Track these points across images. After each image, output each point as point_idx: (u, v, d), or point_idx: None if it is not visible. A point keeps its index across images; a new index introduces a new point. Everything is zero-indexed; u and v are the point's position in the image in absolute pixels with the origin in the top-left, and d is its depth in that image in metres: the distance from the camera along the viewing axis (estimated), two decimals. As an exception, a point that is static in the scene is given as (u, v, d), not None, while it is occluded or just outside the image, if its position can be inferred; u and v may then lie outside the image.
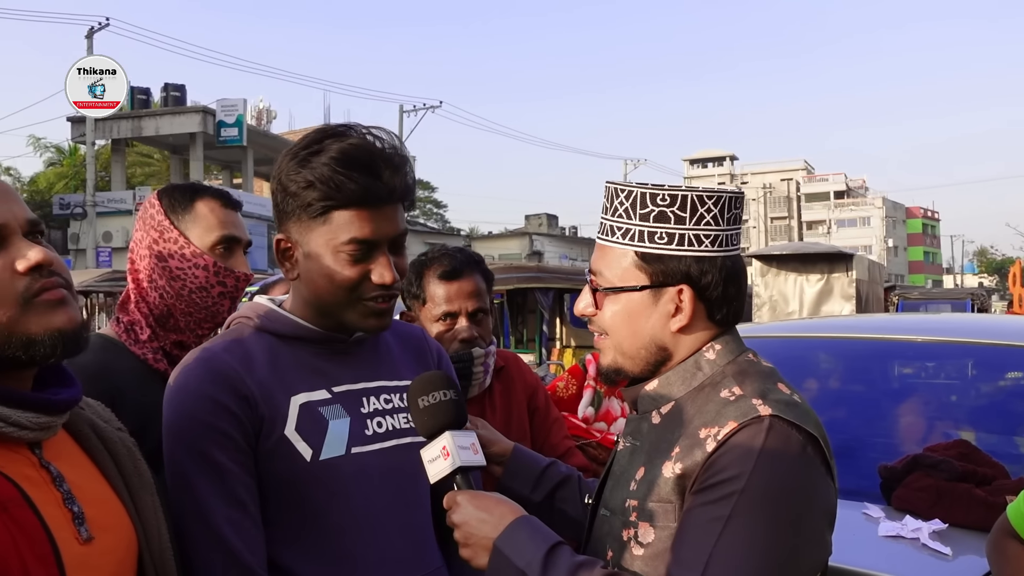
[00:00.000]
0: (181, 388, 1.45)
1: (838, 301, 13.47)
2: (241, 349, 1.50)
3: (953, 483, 2.19)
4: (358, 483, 1.50)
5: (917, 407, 2.88)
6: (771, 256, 14.09)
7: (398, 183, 1.47)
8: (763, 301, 13.61)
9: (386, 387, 1.61)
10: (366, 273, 1.47)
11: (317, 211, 1.43)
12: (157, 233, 1.85)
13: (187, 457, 1.41)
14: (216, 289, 1.84)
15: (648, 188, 1.36)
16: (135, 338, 1.83)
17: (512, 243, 42.59)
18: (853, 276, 13.55)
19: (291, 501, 1.46)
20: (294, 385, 1.50)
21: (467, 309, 2.16)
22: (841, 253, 14.13)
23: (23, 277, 1.08)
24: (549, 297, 11.43)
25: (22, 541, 1.00)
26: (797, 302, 13.58)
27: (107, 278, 8.91)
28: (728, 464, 1.21)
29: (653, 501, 1.29)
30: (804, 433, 1.24)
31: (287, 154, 1.47)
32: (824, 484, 1.26)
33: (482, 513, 1.33)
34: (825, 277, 13.58)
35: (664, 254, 1.35)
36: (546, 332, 11.91)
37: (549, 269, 12.82)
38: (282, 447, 1.45)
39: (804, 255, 13.97)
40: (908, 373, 3.15)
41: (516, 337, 13.28)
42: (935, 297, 18.27)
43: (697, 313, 1.36)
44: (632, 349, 1.39)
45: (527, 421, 2.35)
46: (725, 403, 1.28)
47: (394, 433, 1.57)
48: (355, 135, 1.47)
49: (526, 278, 10.88)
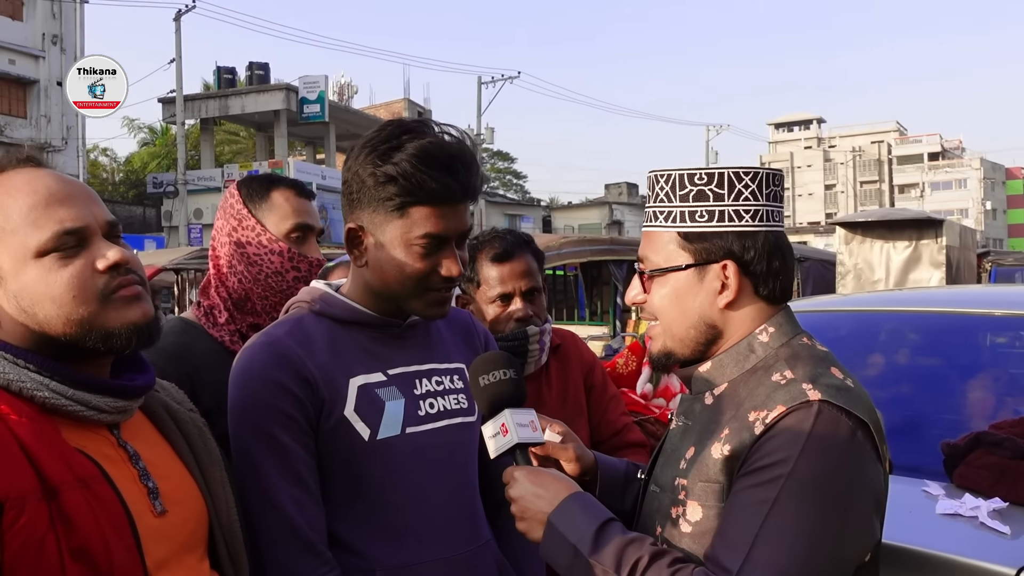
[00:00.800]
0: (246, 371, 1.53)
1: (927, 269, 12.98)
2: (302, 333, 1.57)
3: (1017, 461, 2.14)
4: (413, 461, 1.57)
5: (986, 383, 2.81)
6: (856, 223, 13.64)
7: (472, 183, 1.54)
8: (847, 269, 13.22)
9: (437, 369, 1.67)
10: (435, 266, 1.53)
11: (395, 205, 1.49)
12: (236, 221, 1.96)
13: (253, 438, 1.49)
14: (291, 274, 1.94)
15: (686, 169, 1.39)
16: (213, 321, 1.94)
17: (592, 213, 42.34)
18: (943, 243, 13.02)
19: (350, 479, 1.54)
20: (352, 367, 1.57)
21: (520, 289, 2.22)
22: (930, 219, 13.58)
23: (103, 275, 1.18)
24: (623, 269, 11.37)
25: (102, 514, 1.08)
26: (883, 270, 13.14)
27: (196, 255, 9.26)
28: (776, 448, 1.23)
29: (701, 480, 1.32)
30: (854, 418, 1.25)
31: (365, 146, 1.52)
32: (873, 469, 1.27)
33: (538, 488, 1.38)
34: (913, 244, 13.09)
35: (706, 231, 1.37)
36: (620, 304, 11.87)
37: (623, 241, 12.71)
38: (342, 427, 1.52)
39: (891, 221, 13.48)
40: (979, 348, 3.07)
41: (591, 309, 13.27)
42: (1032, 263, 17.42)
43: (744, 288, 1.38)
44: (682, 330, 1.41)
45: (583, 398, 2.39)
46: (776, 387, 1.30)
47: (446, 414, 1.64)
48: (432, 133, 1.52)
49: (600, 250, 10.83)
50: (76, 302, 1.15)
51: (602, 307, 13.30)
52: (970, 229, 15.61)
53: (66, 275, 1.15)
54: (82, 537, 1.05)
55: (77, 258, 1.17)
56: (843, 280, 13.16)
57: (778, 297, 1.40)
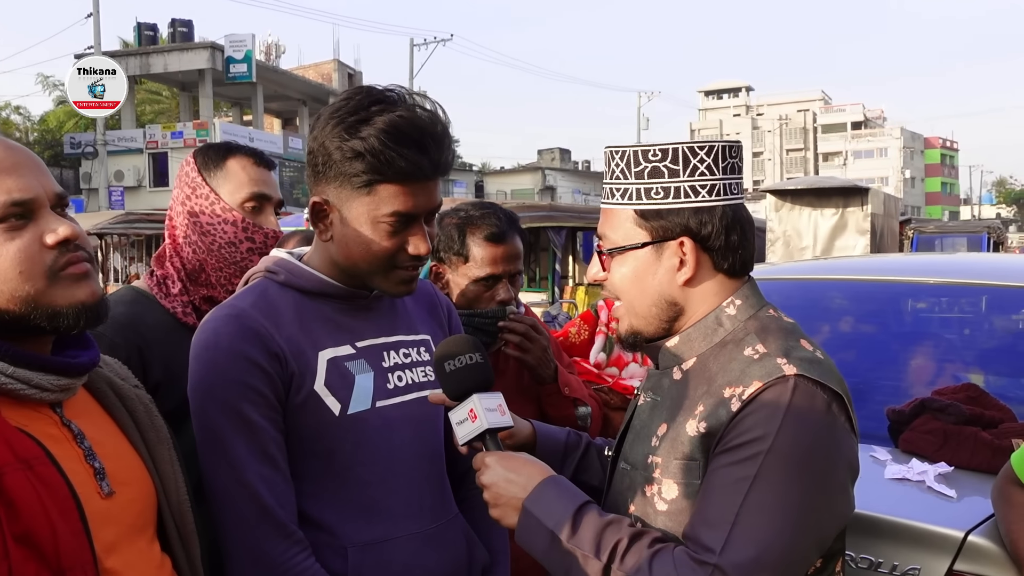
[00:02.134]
0: (211, 344, 1.47)
1: (852, 235, 13.35)
2: (268, 304, 1.52)
3: (960, 426, 2.21)
4: (383, 436, 1.54)
5: (927, 350, 2.90)
6: (785, 191, 13.92)
7: (443, 159, 1.49)
8: (776, 236, 13.51)
9: (404, 341, 1.65)
10: (403, 244, 1.49)
11: (362, 182, 1.44)
12: (190, 190, 1.91)
13: (220, 414, 1.44)
14: (245, 245, 1.89)
15: (640, 146, 1.37)
16: (166, 291, 1.89)
17: (524, 178, 42.36)
18: (868, 210, 13.39)
19: (319, 455, 1.51)
20: (321, 340, 1.53)
21: (508, 272, 2.18)
22: (856, 187, 13.95)
23: (51, 251, 1.12)
24: (562, 236, 11.40)
25: (47, 497, 1.03)
26: (811, 237, 13.46)
27: (120, 220, 8.97)
28: (754, 424, 1.23)
29: (676, 458, 1.32)
30: (828, 391, 1.26)
31: (332, 116, 1.46)
32: (848, 441, 1.29)
33: (511, 474, 1.36)
34: (840, 211, 13.43)
35: (662, 208, 1.36)
36: (558, 270, 11.91)
37: (561, 208, 12.74)
38: (312, 402, 1.49)
39: (819, 189, 13.79)
40: (918, 316, 3.15)
41: (528, 276, 13.28)
42: (950, 231, 18.07)
43: (702, 264, 1.37)
44: (643, 308, 1.41)
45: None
46: (749, 362, 1.30)
47: (414, 386, 1.61)
48: (402, 105, 1.46)
49: (538, 217, 10.82)
50: (22, 278, 1.10)
51: (540, 274, 13.33)
52: (893, 197, 16.07)
53: (12, 249, 1.09)
54: (26, 522, 1.00)
55: (24, 231, 1.11)
56: (772, 247, 13.44)
57: (739, 270, 1.40)
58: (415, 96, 1.51)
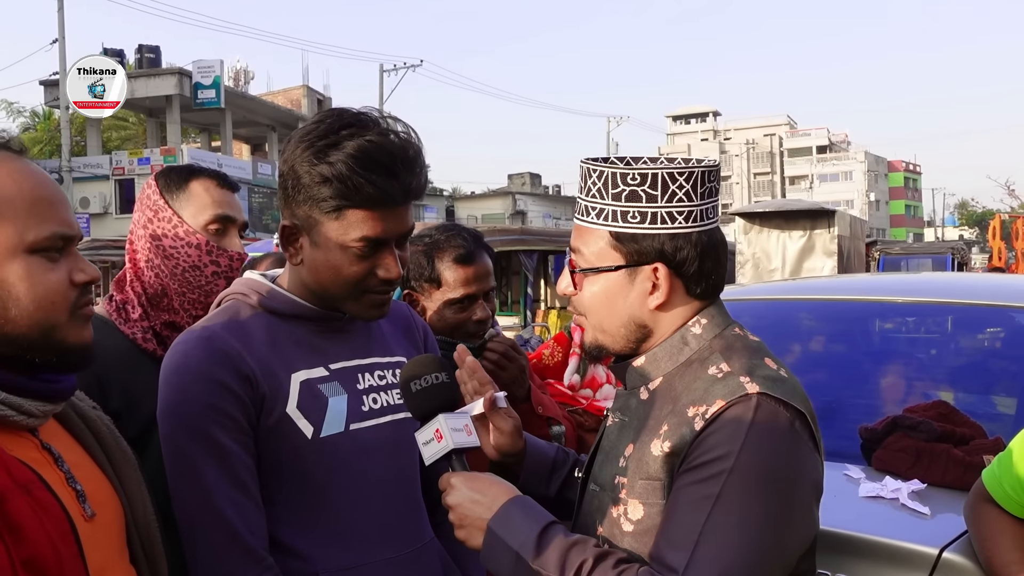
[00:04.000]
0: (181, 368, 1.45)
1: (820, 257, 13.53)
2: (239, 326, 1.51)
3: (932, 443, 2.23)
4: (357, 459, 1.52)
5: (897, 368, 2.92)
6: (754, 214, 14.11)
7: (414, 184, 1.48)
8: (746, 259, 13.65)
9: (379, 363, 1.63)
10: (373, 268, 1.48)
11: (331, 207, 1.43)
12: (152, 212, 1.87)
13: (189, 439, 1.42)
14: (209, 268, 1.86)
15: (619, 168, 1.36)
16: (126, 317, 1.84)
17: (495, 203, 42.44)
18: (835, 232, 13.59)
19: (292, 479, 1.48)
20: (293, 362, 1.51)
21: (482, 290, 2.17)
22: (823, 209, 14.16)
23: (75, 289, 1.15)
24: (533, 259, 11.44)
25: (47, 521, 1.04)
26: (780, 259, 13.62)
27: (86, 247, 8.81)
28: (717, 443, 1.23)
29: (642, 478, 1.31)
30: (791, 409, 1.26)
31: (302, 140, 1.45)
32: (812, 459, 1.28)
33: (476, 495, 1.35)
34: (807, 234, 13.62)
35: (637, 233, 1.35)
36: (530, 294, 11.93)
37: (533, 231, 12.79)
38: (284, 425, 1.47)
39: (787, 212, 13.99)
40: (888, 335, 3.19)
41: (500, 299, 13.29)
42: (916, 252, 18.37)
43: (675, 289, 1.37)
44: (612, 328, 1.40)
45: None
46: (713, 380, 1.29)
47: (389, 409, 1.60)
48: (373, 129, 1.44)
49: (510, 240, 10.84)
50: (51, 308, 1.13)
51: (512, 297, 13.33)
52: (859, 219, 16.32)
53: (52, 279, 1.13)
54: (31, 546, 1.00)
55: (60, 264, 1.15)
56: (742, 269, 13.57)
57: (710, 294, 1.40)
58: (388, 119, 1.50)
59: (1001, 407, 2.62)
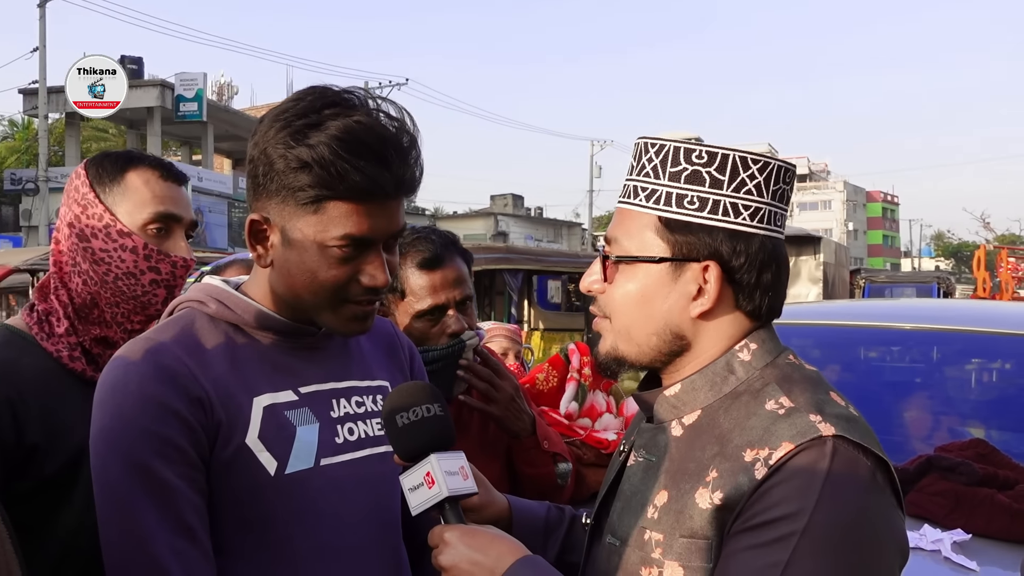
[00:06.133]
0: (119, 387, 1.20)
1: (805, 284, 13.46)
2: (192, 340, 1.26)
3: (973, 488, 2.01)
4: (328, 500, 1.28)
5: (922, 402, 2.70)
6: (739, 239, 14.04)
7: (407, 175, 1.24)
8: (731, 284, 13.56)
9: (357, 388, 1.39)
10: (356, 273, 1.25)
11: (309, 198, 1.20)
12: (80, 208, 1.58)
13: (125, 473, 1.17)
14: (147, 276, 1.57)
15: (684, 143, 1.14)
16: (49, 331, 1.56)
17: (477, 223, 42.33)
18: (821, 259, 13.53)
19: (249, 523, 1.24)
20: (256, 384, 1.27)
21: (454, 299, 1.89)
22: (809, 236, 14.11)
23: None
24: (518, 279, 11.20)
25: None
26: (765, 285, 13.54)
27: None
28: (785, 497, 0.99)
29: (683, 535, 1.07)
30: (872, 457, 1.03)
31: (276, 119, 1.22)
32: (896, 518, 1.06)
33: (476, 553, 1.11)
34: (793, 260, 13.53)
35: (693, 222, 1.12)
36: (514, 314, 11.69)
37: (518, 250, 12.58)
38: (242, 458, 1.22)
39: (772, 238, 13.94)
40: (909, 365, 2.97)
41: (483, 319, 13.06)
42: (901, 280, 18.34)
43: (724, 298, 1.14)
44: (642, 335, 1.16)
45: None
46: (774, 418, 1.06)
47: (368, 441, 1.36)
48: (361, 110, 1.22)
49: (494, 259, 10.63)
50: None
51: (495, 317, 13.10)
52: (844, 247, 16.28)
53: None
54: None
55: None
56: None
57: (763, 315, 1.16)
58: (378, 100, 1.27)
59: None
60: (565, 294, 13.33)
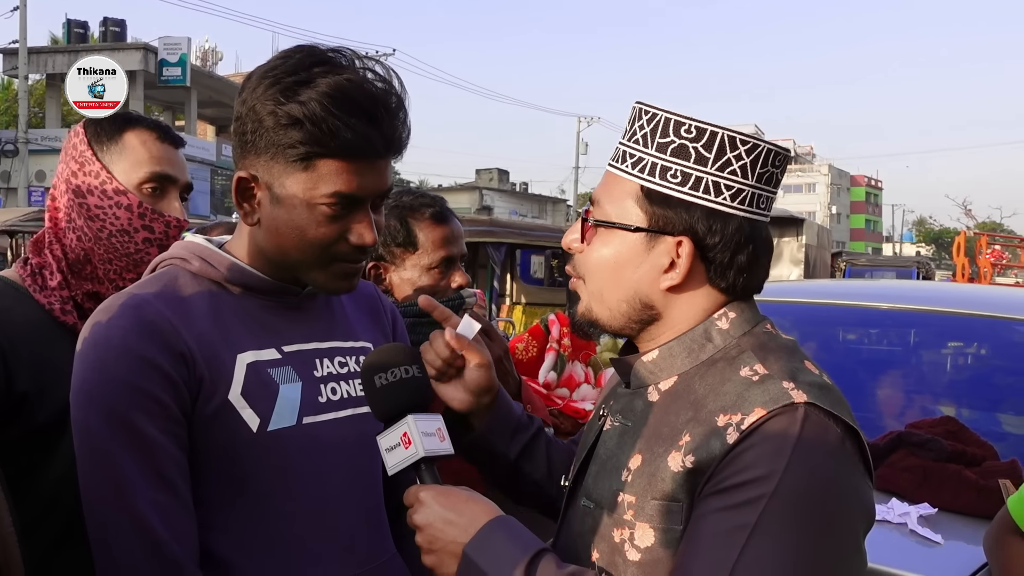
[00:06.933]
0: (101, 341, 1.21)
1: (787, 265, 13.50)
2: (176, 296, 1.27)
3: (941, 464, 2.05)
4: (309, 458, 1.30)
5: (894, 380, 2.74)
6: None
7: (396, 134, 1.26)
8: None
9: (340, 348, 1.40)
10: (344, 231, 1.26)
11: (299, 155, 1.21)
12: (77, 165, 1.61)
13: (106, 427, 1.18)
14: (140, 234, 1.60)
15: (675, 115, 1.15)
16: (42, 284, 1.58)
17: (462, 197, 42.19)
18: (803, 241, 13.57)
19: (230, 479, 1.25)
20: (239, 341, 1.28)
21: (460, 253, 1.98)
22: (792, 218, 14.13)
23: None
24: (501, 252, 11.17)
25: None
26: (747, 265, 13.58)
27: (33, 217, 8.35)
28: (755, 460, 1.01)
29: (655, 498, 1.09)
30: (842, 424, 1.05)
31: (265, 76, 1.23)
32: (864, 485, 1.08)
33: (450, 513, 1.13)
34: (775, 241, 13.43)
35: (673, 196, 1.14)
36: (496, 288, 11.69)
37: (502, 223, 12.54)
38: (224, 414, 1.23)
39: (755, 219, 13.97)
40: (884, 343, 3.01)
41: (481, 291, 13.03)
42: (882, 264, 18.53)
43: (695, 274, 1.16)
44: (612, 300, 1.19)
45: None
46: (748, 384, 1.08)
47: (350, 401, 1.37)
48: (349, 68, 1.23)
49: (478, 231, 10.58)
50: None
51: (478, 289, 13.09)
52: (826, 229, 16.36)
53: None
54: None
55: None
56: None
57: (739, 292, 1.18)
58: (365, 60, 1.27)
59: (1008, 426, 2.45)
60: (548, 269, 13.32)
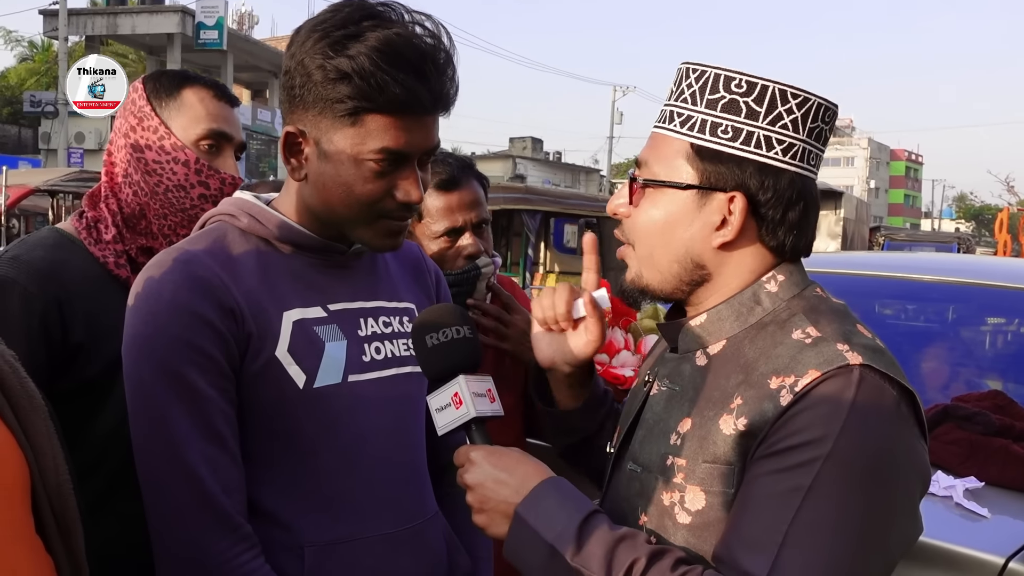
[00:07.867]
0: (152, 295, 1.22)
1: (824, 239, 13.39)
2: (225, 252, 1.28)
3: (988, 437, 2.02)
4: (354, 416, 1.30)
5: (939, 353, 2.70)
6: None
7: (444, 90, 1.25)
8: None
9: (385, 308, 1.40)
10: (391, 188, 1.25)
11: (347, 110, 1.20)
12: (136, 120, 1.63)
13: (157, 380, 1.19)
14: (196, 190, 1.62)
15: (726, 70, 1.14)
16: (97, 237, 1.61)
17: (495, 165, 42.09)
18: (841, 214, 13.44)
19: (277, 435, 1.27)
20: (287, 299, 1.29)
21: (470, 221, 1.92)
22: (831, 190, 13.98)
23: None
24: (536, 220, 11.15)
25: None
26: (783, 238, 13.46)
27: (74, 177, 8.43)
28: (810, 423, 1.00)
29: (706, 461, 1.08)
30: (898, 387, 1.04)
31: (315, 29, 1.22)
32: (920, 448, 1.07)
33: (501, 473, 1.12)
34: (813, 214, 13.45)
35: (724, 151, 1.13)
36: (531, 256, 11.68)
37: (537, 191, 12.50)
38: (271, 371, 1.24)
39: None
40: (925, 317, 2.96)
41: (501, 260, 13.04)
42: (922, 240, 18.20)
43: (747, 231, 1.14)
44: (663, 262, 1.17)
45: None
46: (801, 347, 1.07)
47: (394, 361, 1.37)
48: (399, 22, 1.22)
49: (513, 199, 10.56)
50: None
51: (511, 258, 13.10)
52: (865, 203, 16.16)
53: None
54: None
55: None
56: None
57: (787, 252, 1.16)
58: (415, 14, 1.26)
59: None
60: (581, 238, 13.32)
